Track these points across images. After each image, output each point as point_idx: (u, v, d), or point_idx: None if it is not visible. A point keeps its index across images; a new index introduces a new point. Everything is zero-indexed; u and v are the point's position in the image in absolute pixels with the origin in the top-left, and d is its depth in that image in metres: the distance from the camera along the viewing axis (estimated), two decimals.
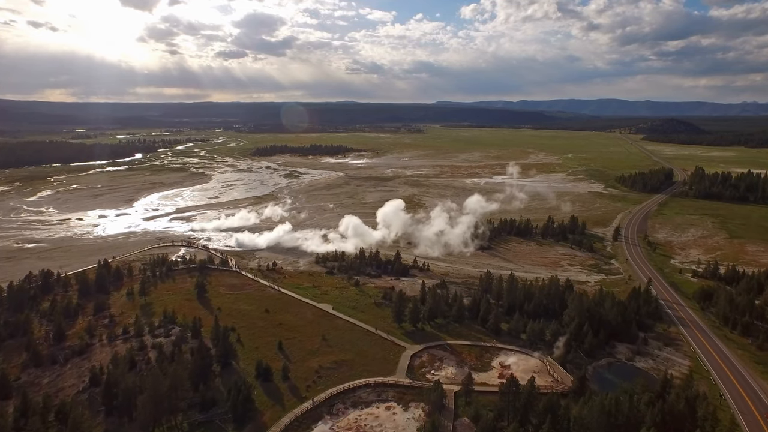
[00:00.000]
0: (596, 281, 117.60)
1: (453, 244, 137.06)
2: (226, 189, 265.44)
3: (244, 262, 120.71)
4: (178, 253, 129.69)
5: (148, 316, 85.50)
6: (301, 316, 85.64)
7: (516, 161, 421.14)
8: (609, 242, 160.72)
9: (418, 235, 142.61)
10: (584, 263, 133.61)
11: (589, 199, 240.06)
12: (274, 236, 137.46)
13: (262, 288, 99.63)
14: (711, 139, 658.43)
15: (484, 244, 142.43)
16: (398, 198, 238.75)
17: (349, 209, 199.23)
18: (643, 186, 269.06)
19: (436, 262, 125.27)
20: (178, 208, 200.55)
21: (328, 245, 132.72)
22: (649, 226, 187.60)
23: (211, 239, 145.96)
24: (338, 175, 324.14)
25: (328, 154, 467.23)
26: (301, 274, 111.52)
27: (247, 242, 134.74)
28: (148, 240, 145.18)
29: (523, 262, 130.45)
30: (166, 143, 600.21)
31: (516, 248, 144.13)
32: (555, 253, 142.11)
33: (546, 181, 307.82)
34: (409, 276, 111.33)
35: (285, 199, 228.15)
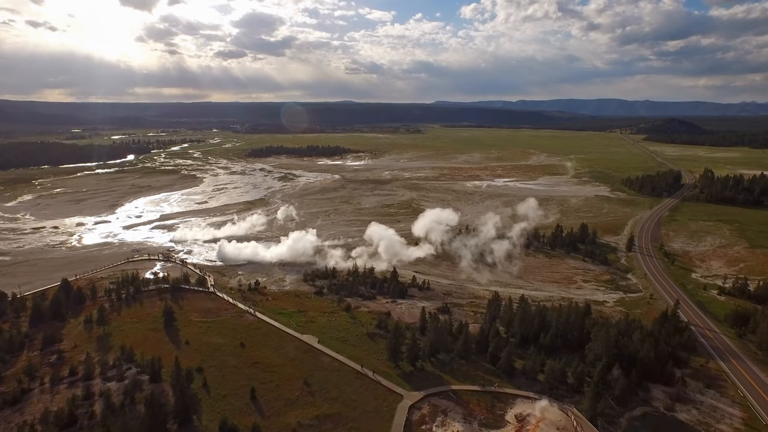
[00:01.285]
0: (615, 301, 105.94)
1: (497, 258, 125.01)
2: (216, 193, 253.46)
3: (225, 280, 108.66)
4: (154, 268, 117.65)
5: (104, 350, 73.50)
6: (282, 351, 73.64)
7: (517, 163, 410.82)
8: (623, 253, 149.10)
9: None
10: (599, 278, 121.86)
11: (597, 204, 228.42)
12: (258, 250, 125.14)
13: (240, 314, 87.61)
14: (714, 140, 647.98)
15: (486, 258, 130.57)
16: (396, 201, 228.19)
17: (344, 216, 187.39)
18: (652, 189, 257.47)
19: (437, 279, 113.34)
20: (163, 215, 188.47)
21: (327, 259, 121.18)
22: (663, 233, 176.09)
23: (192, 251, 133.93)
24: (334, 177, 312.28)
25: (325, 155, 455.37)
26: (287, 295, 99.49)
27: (229, 256, 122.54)
28: (123, 252, 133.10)
29: (533, 278, 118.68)
30: (161, 144, 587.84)
31: (522, 261, 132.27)
32: (566, 266, 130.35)
33: (550, 183, 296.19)
34: (408, 297, 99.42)
35: (276, 205, 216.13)
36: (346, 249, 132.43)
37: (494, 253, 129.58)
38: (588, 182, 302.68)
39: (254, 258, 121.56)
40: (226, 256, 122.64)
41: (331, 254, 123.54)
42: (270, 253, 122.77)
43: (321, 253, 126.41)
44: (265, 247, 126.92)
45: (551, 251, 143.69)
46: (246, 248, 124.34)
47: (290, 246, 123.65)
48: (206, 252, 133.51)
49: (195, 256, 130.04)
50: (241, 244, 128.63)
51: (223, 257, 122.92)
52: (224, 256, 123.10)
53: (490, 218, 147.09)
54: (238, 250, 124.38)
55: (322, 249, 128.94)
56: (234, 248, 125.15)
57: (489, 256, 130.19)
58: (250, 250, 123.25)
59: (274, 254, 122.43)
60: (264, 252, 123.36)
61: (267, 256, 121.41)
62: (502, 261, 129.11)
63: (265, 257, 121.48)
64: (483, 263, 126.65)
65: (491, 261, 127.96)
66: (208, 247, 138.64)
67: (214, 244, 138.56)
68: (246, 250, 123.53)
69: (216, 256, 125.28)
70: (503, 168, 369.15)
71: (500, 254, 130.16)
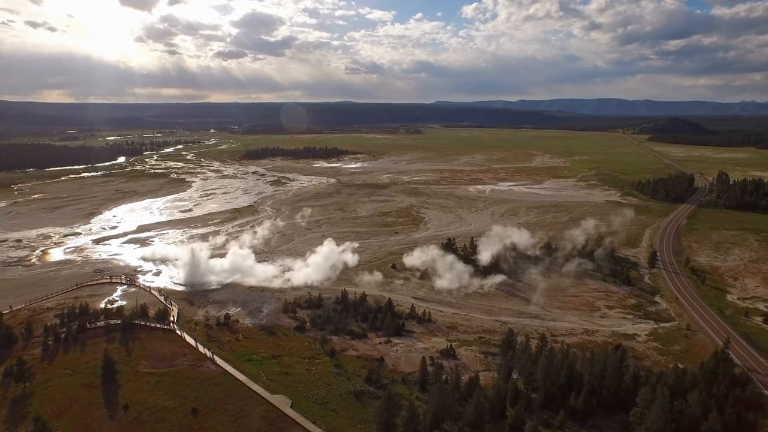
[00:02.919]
0: (647, 334, 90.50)
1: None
2: (203, 199, 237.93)
3: (192, 311, 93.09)
4: (114, 294, 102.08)
5: (14, 422, 58.03)
6: (243, 421, 58.05)
7: (521, 164, 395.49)
8: (645, 269, 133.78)
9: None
10: (624, 303, 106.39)
11: (609, 211, 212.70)
12: (233, 272, 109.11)
13: (199, 362, 72.04)
14: (719, 140, 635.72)
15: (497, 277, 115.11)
16: (395, 208, 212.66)
17: (337, 227, 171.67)
18: (666, 194, 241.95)
19: (439, 307, 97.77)
20: (140, 226, 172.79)
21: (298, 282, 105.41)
22: (685, 245, 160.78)
23: (161, 272, 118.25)
24: (330, 181, 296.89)
25: (322, 157, 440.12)
26: (261, 332, 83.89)
27: (198, 280, 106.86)
28: (83, 274, 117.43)
29: (550, 304, 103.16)
30: (155, 145, 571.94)
31: (537, 282, 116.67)
32: (586, 288, 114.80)
33: (557, 187, 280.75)
34: (405, 333, 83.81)
35: (265, 213, 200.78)
36: (334, 269, 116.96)
37: (504, 275, 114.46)
38: (596, 186, 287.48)
39: (229, 281, 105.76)
40: (196, 280, 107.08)
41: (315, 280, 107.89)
42: (247, 276, 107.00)
43: None
44: (243, 268, 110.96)
45: (565, 267, 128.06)
46: (219, 269, 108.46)
47: (267, 271, 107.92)
48: (178, 272, 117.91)
49: (164, 277, 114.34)
50: (217, 263, 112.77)
51: (192, 281, 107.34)
52: (193, 279, 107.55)
53: (499, 231, 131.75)
54: (210, 271, 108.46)
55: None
56: (206, 270, 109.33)
57: (498, 278, 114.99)
58: (224, 273, 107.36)
59: (252, 277, 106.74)
60: (240, 274, 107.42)
61: (243, 280, 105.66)
62: (513, 284, 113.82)
63: (241, 281, 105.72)
64: (491, 286, 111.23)
65: (501, 283, 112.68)
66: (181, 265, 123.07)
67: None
68: (219, 272, 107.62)
69: (184, 279, 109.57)
70: (506, 170, 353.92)
71: (511, 277, 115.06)
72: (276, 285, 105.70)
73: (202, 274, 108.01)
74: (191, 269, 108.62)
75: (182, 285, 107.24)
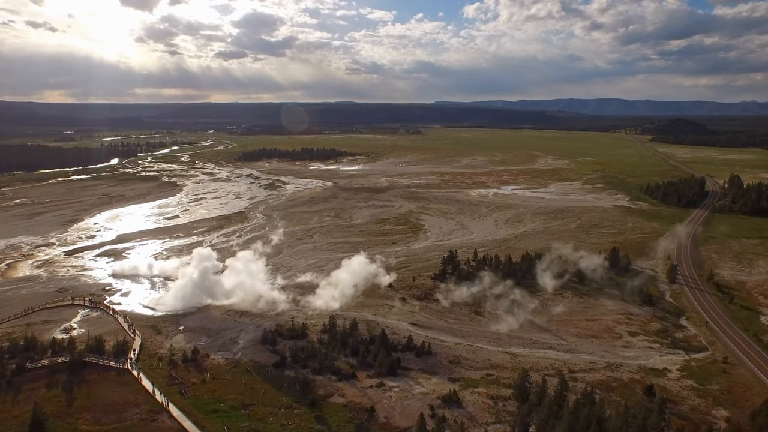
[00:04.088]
0: (679, 369, 78.85)
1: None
2: (192, 205, 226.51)
3: (158, 341, 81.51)
4: (73, 319, 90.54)
5: None
6: None
7: (523, 167, 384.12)
8: (665, 285, 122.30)
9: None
10: (647, 328, 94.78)
11: (619, 217, 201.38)
12: (208, 293, 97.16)
13: (154, 414, 60.32)
14: (723, 140, 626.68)
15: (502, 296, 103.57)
16: (393, 214, 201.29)
17: (330, 237, 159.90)
18: (678, 199, 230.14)
19: (441, 336, 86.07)
20: (119, 236, 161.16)
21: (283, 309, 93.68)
22: (705, 256, 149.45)
23: (131, 292, 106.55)
24: (326, 185, 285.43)
25: (319, 158, 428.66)
26: (234, 371, 72.25)
27: (169, 305, 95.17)
28: (46, 293, 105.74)
29: (565, 330, 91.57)
30: (151, 146, 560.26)
31: (548, 304, 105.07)
32: (603, 309, 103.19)
33: (562, 191, 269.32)
34: (401, 372, 72.04)
35: (255, 220, 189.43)
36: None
37: (513, 295, 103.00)
38: (603, 189, 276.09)
39: (202, 304, 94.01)
40: (165, 302, 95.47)
41: (302, 301, 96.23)
42: (222, 299, 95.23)
43: (288, 298, 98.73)
44: (218, 288, 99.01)
45: (580, 286, 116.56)
46: (193, 291, 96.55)
47: (248, 292, 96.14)
48: (151, 292, 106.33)
49: (134, 298, 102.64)
50: (190, 283, 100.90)
51: (162, 303, 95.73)
52: (163, 302, 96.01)
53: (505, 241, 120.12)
54: (183, 294, 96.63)
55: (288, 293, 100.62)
56: (176, 292, 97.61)
57: (507, 299, 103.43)
58: (197, 295, 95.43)
59: (227, 300, 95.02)
60: (214, 296, 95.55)
61: (218, 303, 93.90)
62: (523, 305, 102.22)
63: (215, 304, 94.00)
64: (499, 309, 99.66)
65: (509, 305, 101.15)
66: (157, 283, 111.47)
67: (164, 279, 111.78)
68: (192, 296, 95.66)
69: (152, 302, 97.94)
70: (509, 173, 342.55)
71: (521, 297, 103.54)
72: (258, 309, 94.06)
73: (171, 300, 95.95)
74: (165, 296, 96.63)
75: (154, 309, 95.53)
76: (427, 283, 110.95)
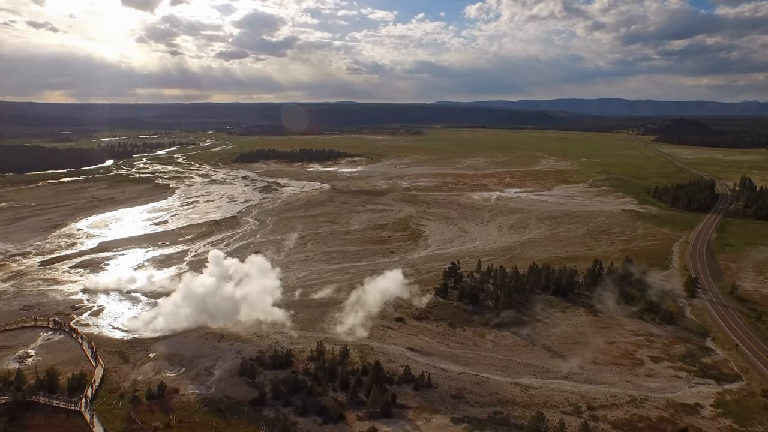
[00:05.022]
0: (712, 404, 69.43)
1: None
2: (183, 209, 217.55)
3: (122, 373, 72.22)
4: (33, 344, 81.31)
5: None
6: None
7: (526, 168, 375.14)
8: (683, 299, 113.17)
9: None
10: (671, 352, 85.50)
11: (628, 223, 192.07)
12: (183, 315, 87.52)
13: None
14: (728, 141, 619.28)
15: (509, 317, 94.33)
16: (392, 219, 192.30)
17: (324, 245, 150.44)
18: (688, 203, 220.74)
19: (442, 364, 76.73)
20: (101, 243, 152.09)
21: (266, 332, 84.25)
22: (723, 266, 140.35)
23: (104, 310, 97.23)
24: (323, 187, 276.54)
25: (318, 160, 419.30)
26: (205, 409, 62.92)
27: (140, 327, 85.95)
28: (9, 311, 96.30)
29: (580, 355, 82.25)
30: (147, 147, 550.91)
31: (560, 324, 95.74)
32: (620, 330, 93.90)
33: (567, 194, 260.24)
34: (396, 411, 62.69)
35: (247, 226, 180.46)
36: (313, 309, 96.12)
37: (521, 313, 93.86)
38: (609, 192, 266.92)
39: (176, 328, 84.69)
40: (135, 325, 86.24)
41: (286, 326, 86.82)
42: (197, 319, 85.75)
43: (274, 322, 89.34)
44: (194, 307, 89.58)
45: (594, 302, 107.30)
46: (168, 311, 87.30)
47: (225, 314, 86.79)
48: (125, 310, 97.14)
49: (105, 317, 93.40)
50: (168, 301, 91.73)
51: (132, 325, 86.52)
52: (132, 324, 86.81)
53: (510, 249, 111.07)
54: (157, 313, 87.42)
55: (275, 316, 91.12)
56: (151, 313, 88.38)
57: (514, 317, 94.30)
58: (169, 317, 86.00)
59: (203, 321, 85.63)
60: (187, 318, 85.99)
61: (192, 325, 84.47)
62: (532, 324, 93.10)
63: (189, 327, 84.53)
64: (506, 329, 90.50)
65: (517, 325, 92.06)
66: (132, 300, 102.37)
67: (141, 296, 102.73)
68: (162, 316, 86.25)
69: (125, 322, 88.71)
70: (512, 175, 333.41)
71: (529, 315, 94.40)
72: (237, 330, 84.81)
73: (143, 321, 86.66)
74: (132, 318, 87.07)
75: (126, 329, 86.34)
76: (427, 299, 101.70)
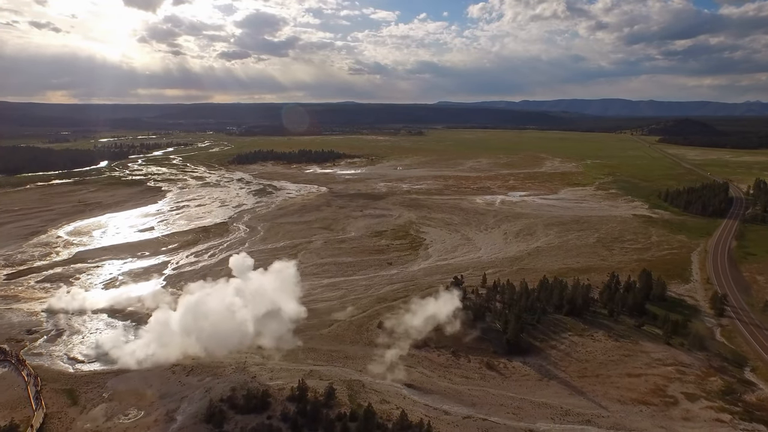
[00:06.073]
0: None
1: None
2: (172, 214, 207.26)
3: (67, 419, 61.47)
4: None
5: None
6: None
7: (530, 170, 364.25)
8: (710, 317, 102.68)
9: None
10: (707, 387, 74.59)
11: (641, 229, 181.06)
12: (151, 348, 76.49)
13: None
14: (735, 141, 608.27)
15: (520, 342, 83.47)
16: (391, 225, 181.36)
17: (317, 257, 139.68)
18: (702, 208, 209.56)
19: (445, 405, 66.16)
20: (78, 253, 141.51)
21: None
22: (748, 278, 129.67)
23: (64, 334, 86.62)
24: (320, 191, 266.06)
25: (316, 161, 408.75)
26: None
27: (100, 355, 75.03)
28: None
29: (603, 393, 71.43)
30: (144, 148, 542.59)
31: (577, 351, 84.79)
32: (647, 359, 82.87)
33: (575, 198, 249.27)
34: None
35: (238, 233, 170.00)
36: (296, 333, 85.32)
37: (533, 338, 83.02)
38: (618, 195, 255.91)
39: (142, 362, 73.81)
40: (95, 353, 75.48)
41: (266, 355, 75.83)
42: (165, 351, 74.98)
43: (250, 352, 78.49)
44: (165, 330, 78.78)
45: (612, 323, 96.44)
46: (135, 337, 76.47)
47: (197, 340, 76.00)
48: (88, 334, 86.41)
49: (63, 345, 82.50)
50: (137, 325, 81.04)
51: (92, 354, 75.79)
52: (93, 352, 76.07)
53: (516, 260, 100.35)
54: (121, 339, 76.67)
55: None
56: (115, 339, 77.66)
57: (527, 344, 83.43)
58: (135, 343, 75.18)
59: (172, 353, 74.90)
60: (153, 348, 75.10)
61: (161, 357, 73.68)
62: (546, 353, 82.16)
63: (159, 359, 73.76)
64: (519, 358, 79.60)
65: (529, 353, 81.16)
66: (98, 322, 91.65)
67: (108, 317, 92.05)
68: (128, 343, 75.48)
69: (82, 351, 77.89)
70: (516, 177, 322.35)
71: (542, 340, 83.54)
72: (210, 360, 74.01)
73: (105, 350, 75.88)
74: (93, 347, 75.99)
75: (83, 360, 75.53)
76: None
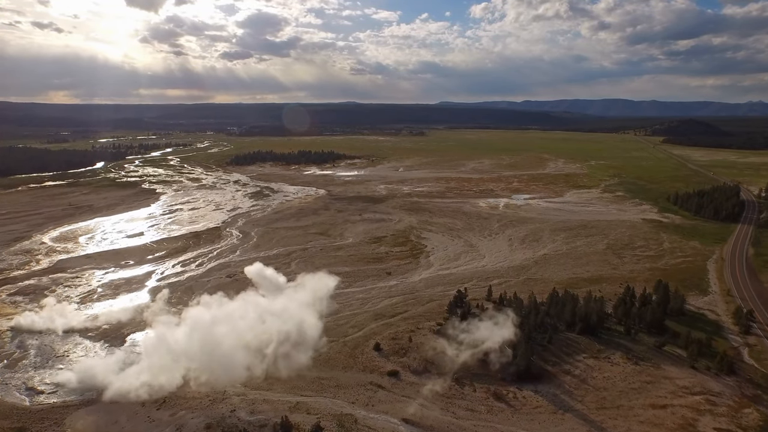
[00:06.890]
0: None
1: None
2: (164, 218, 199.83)
3: None
4: None
5: None
6: None
7: (534, 171, 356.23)
8: (735, 335, 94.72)
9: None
10: (741, 420, 66.60)
11: (652, 235, 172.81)
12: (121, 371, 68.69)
13: None
14: (740, 142, 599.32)
15: (530, 367, 75.54)
16: (391, 230, 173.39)
17: (312, 263, 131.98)
18: (715, 212, 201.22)
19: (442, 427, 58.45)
20: (59, 261, 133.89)
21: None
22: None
23: (24, 359, 78.85)
24: (318, 193, 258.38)
25: (316, 162, 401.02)
26: None
27: (64, 383, 66.98)
28: None
29: (626, 429, 63.49)
30: (143, 148, 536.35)
31: (594, 377, 76.71)
32: (671, 386, 74.81)
33: (581, 201, 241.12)
34: None
35: (230, 239, 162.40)
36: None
37: (548, 360, 75.05)
38: (625, 198, 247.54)
39: (115, 393, 65.98)
40: (58, 380, 67.65)
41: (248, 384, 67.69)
42: (139, 375, 67.14)
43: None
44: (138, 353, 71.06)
45: (630, 342, 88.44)
46: (105, 362, 68.71)
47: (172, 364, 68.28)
48: (53, 357, 78.64)
49: (23, 371, 74.71)
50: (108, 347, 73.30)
51: (53, 381, 68.01)
52: (54, 378, 68.33)
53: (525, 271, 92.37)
54: (89, 365, 68.93)
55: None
56: (83, 364, 69.80)
57: (539, 369, 75.43)
58: (105, 370, 67.60)
59: (145, 379, 67.06)
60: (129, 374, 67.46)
61: (134, 384, 65.89)
62: (560, 380, 74.09)
63: (131, 387, 65.96)
64: (530, 386, 71.60)
65: (542, 379, 73.16)
66: (67, 343, 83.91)
67: (78, 337, 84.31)
68: (96, 369, 67.80)
69: (43, 379, 70.06)
70: (519, 179, 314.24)
71: (555, 364, 75.56)
72: (185, 391, 66.25)
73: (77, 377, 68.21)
74: (67, 372, 68.17)
75: (43, 390, 67.77)
76: (429, 342, 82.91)
